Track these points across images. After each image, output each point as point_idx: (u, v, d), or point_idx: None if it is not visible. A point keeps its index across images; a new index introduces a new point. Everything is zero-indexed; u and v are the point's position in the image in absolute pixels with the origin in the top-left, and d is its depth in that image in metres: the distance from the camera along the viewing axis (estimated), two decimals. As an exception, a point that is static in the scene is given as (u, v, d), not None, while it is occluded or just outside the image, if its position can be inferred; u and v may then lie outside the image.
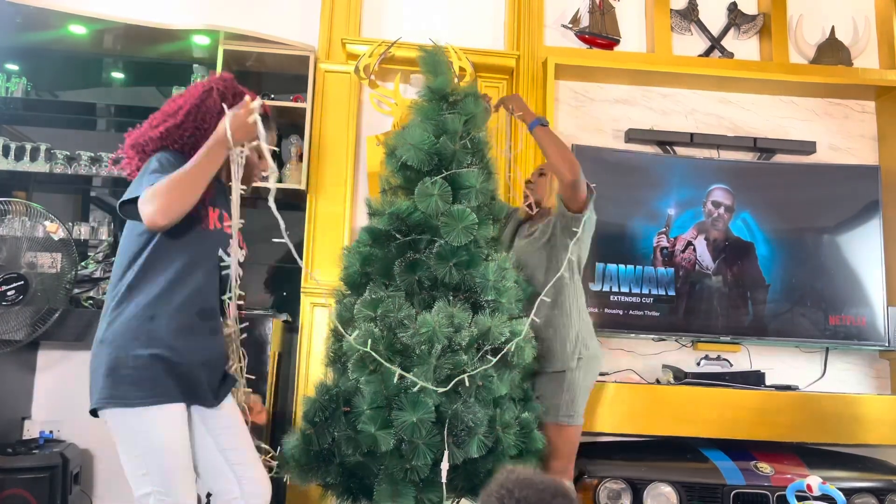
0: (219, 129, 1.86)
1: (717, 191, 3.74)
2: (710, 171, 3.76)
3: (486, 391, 2.11)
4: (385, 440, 2.02)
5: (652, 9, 3.95)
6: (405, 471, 2.04)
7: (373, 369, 2.08)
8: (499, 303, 2.23)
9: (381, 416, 2.04)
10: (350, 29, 3.72)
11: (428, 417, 2.01)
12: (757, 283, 3.68)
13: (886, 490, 3.04)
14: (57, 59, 3.98)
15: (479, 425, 2.08)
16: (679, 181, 3.72)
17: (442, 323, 2.08)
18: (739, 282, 3.68)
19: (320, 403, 2.19)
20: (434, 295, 2.22)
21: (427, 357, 2.06)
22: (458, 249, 2.22)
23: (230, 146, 1.87)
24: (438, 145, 2.31)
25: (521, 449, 2.23)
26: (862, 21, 4.09)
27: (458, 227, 2.21)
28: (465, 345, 2.10)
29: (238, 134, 1.87)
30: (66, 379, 3.40)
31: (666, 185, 3.71)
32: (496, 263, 2.28)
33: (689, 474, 3.05)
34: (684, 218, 3.71)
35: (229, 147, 1.87)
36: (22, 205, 2.96)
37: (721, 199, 3.73)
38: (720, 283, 3.68)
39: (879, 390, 3.77)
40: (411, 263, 2.23)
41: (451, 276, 2.20)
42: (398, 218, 2.27)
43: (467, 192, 2.28)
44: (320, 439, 2.20)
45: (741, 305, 3.66)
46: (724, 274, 3.69)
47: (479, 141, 2.40)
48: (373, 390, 2.06)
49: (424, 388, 2.03)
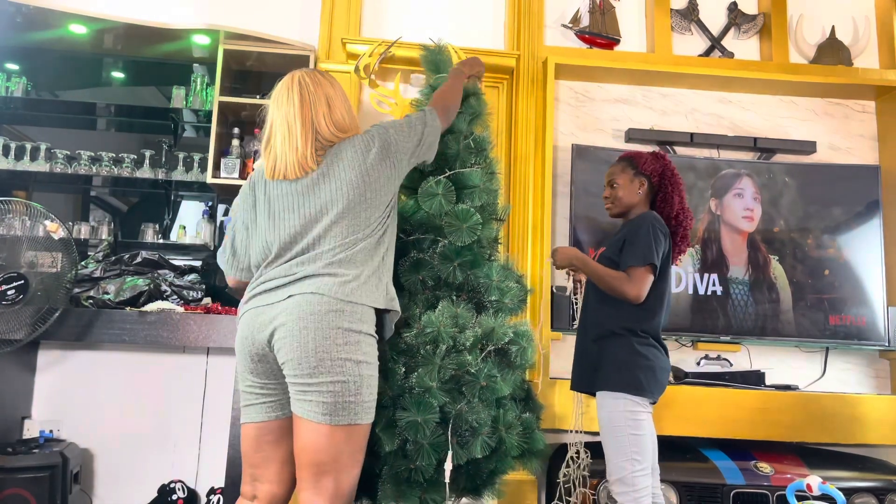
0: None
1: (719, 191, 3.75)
2: (710, 171, 3.76)
3: (490, 391, 2.10)
4: (389, 440, 2.02)
5: (652, 9, 3.95)
6: (409, 471, 2.04)
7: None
8: (502, 303, 2.23)
9: (385, 416, 2.04)
10: (350, 28, 3.72)
11: (432, 418, 2.01)
12: (757, 283, 3.69)
13: (886, 490, 3.05)
14: (57, 58, 3.97)
15: (482, 426, 2.08)
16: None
17: (446, 323, 2.08)
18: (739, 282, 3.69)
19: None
20: (438, 295, 2.22)
21: (432, 357, 2.06)
22: (461, 249, 2.21)
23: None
24: (442, 144, 2.31)
25: (523, 449, 2.23)
26: (862, 21, 4.10)
27: (462, 227, 2.21)
28: (469, 345, 2.10)
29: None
30: (66, 379, 3.40)
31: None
32: (499, 263, 2.28)
33: (689, 474, 3.05)
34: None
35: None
36: (22, 204, 2.95)
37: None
38: (720, 283, 3.68)
39: (879, 390, 3.78)
40: (415, 263, 2.23)
41: (454, 276, 2.20)
42: (402, 217, 2.27)
43: (471, 191, 2.28)
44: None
45: (739, 305, 3.67)
46: (721, 273, 3.69)
47: (482, 140, 2.40)
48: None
49: (429, 388, 2.03)
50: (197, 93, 3.83)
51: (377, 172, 1.95)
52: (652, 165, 2.51)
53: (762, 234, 3.72)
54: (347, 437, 1.82)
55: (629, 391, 2.28)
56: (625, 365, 2.31)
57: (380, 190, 1.96)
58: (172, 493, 3.25)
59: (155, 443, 3.39)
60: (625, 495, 2.25)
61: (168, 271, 3.39)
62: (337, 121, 1.99)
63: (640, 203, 2.51)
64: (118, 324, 3.01)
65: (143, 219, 3.88)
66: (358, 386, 1.82)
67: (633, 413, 2.27)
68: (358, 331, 1.84)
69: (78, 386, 3.40)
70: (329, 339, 1.80)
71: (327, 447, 1.81)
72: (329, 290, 1.84)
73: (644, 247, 2.33)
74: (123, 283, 3.21)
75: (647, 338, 2.36)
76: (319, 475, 1.82)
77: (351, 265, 1.88)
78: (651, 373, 2.32)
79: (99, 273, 3.29)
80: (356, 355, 1.82)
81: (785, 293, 3.68)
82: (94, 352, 3.42)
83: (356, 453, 1.86)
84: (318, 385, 1.80)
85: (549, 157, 3.63)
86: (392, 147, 1.99)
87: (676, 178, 2.52)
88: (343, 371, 1.80)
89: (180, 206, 4.00)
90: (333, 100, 2.01)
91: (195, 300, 3.30)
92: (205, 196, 3.97)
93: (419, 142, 2.06)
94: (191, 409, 3.43)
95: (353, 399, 1.81)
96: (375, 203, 1.95)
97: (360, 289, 1.87)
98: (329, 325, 1.81)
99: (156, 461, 3.38)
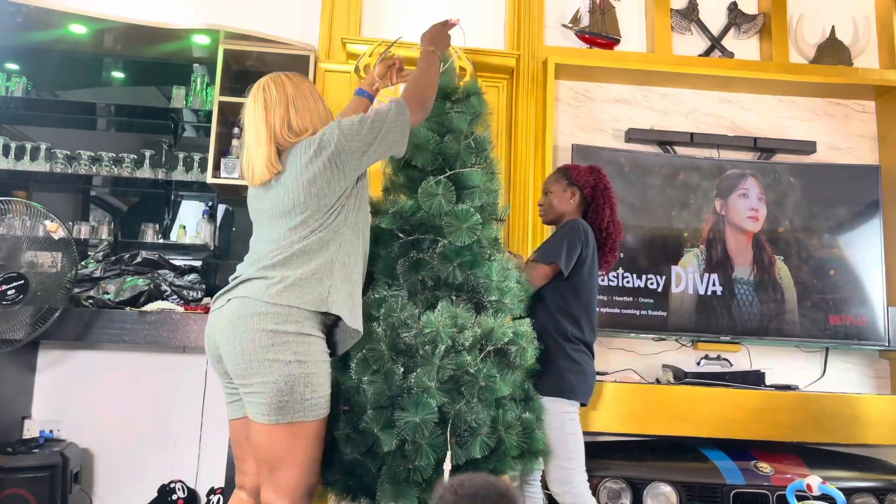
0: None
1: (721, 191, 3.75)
2: (711, 172, 3.76)
3: (489, 391, 2.10)
4: (388, 440, 2.02)
5: (652, 8, 3.95)
6: (408, 471, 2.03)
7: (376, 369, 2.08)
8: (502, 303, 2.23)
9: (383, 416, 2.04)
10: (350, 28, 3.72)
11: (431, 418, 2.01)
12: (762, 283, 3.69)
13: (886, 490, 3.05)
14: (57, 58, 3.97)
15: (481, 426, 2.08)
16: (680, 181, 3.73)
17: (446, 323, 2.08)
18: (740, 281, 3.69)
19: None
20: (437, 295, 2.21)
21: (431, 357, 2.06)
22: (461, 249, 2.21)
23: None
24: (442, 144, 2.30)
25: (522, 449, 2.23)
26: (862, 21, 4.10)
27: (461, 227, 2.20)
28: (468, 345, 2.10)
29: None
30: (66, 378, 3.40)
31: (667, 185, 3.72)
32: (499, 264, 2.28)
33: (689, 474, 3.05)
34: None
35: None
36: (22, 204, 2.95)
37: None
38: (721, 283, 3.68)
39: (879, 390, 3.78)
40: (414, 263, 2.23)
41: (454, 276, 2.20)
42: (401, 217, 2.27)
43: (471, 191, 2.27)
44: (320, 438, 2.19)
45: (742, 305, 3.66)
46: (725, 274, 3.69)
47: (482, 140, 2.40)
48: (376, 390, 2.06)
49: (427, 389, 2.03)
50: (197, 93, 3.83)
51: (312, 175, 1.94)
52: (585, 177, 2.64)
53: (767, 234, 3.72)
54: (292, 434, 1.86)
55: (564, 395, 2.43)
56: (559, 370, 2.44)
57: (318, 193, 1.95)
58: (172, 493, 3.25)
59: (155, 443, 3.40)
60: (565, 494, 2.42)
61: (168, 271, 3.40)
62: (293, 124, 2.01)
63: (572, 212, 2.65)
64: (118, 324, 3.01)
65: (143, 219, 3.88)
66: (291, 385, 1.84)
67: (567, 415, 2.43)
68: (285, 332, 1.86)
69: (78, 386, 3.40)
70: (255, 341, 1.84)
71: (273, 445, 1.87)
72: (256, 293, 1.88)
73: (552, 246, 2.52)
74: (123, 283, 3.21)
75: (578, 344, 2.49)
76: (272, 471, 1.88)
77: (284, 268, 1.91)
78: (582, 377, 2.47)
79: (99, 273, 3.29)
80: (284, 356, 1.84)
81: (790, 293, 3.68)
82: (94, 352, 3.43)
83: (307, 449, 1.90)
84: (251, 386, 1.86)
85: (549, 157, 3.63)
86: (334, 149, 1.95)
87: (609, 192, 2.64)
88: (272, 371, 1.84)
89: (180, 206, 4.01)
90: (295, 101, 2.03)
91: (195, 300, 3.30)
92: (205, 196, 3.97)
93: (374, 140, 2.00)
94: (191, 409, 3.43)
95: (289, 398, 1.84)
96: (314, 206, 1.95)
97: (288, 290, 1.88)
98: (254, 327, 1.85)
99: (156, 461, 3.38)
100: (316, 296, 1.91)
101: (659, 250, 3.68)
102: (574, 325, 2.49)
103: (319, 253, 1.94)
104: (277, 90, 2.03)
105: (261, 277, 1.91)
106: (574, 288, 2.50)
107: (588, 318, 2.53)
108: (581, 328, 2.50)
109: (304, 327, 1.89)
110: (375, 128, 1.99)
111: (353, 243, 2.02)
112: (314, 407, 1.88)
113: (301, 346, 1.87)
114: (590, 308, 2.54)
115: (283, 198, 1.97)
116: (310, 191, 1.95)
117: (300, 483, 1.90)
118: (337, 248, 1.97)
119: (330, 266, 1.95)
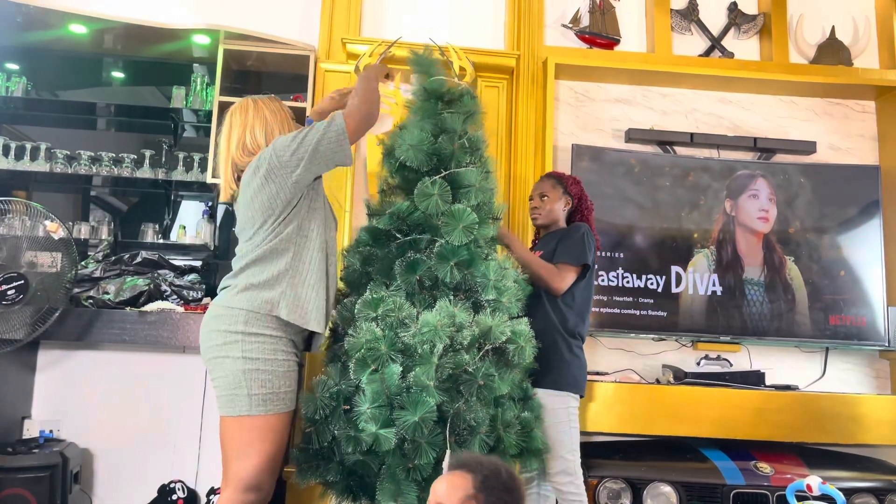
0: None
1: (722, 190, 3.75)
2: (711, 172, 3.76)
3: (488, 390, 2.11)
4: (387, 439, 2.02)
5: (652, 9, 3.95)
6: (407, 470, 2.04)
7: (375, 368, 2.08)
8: (499, 302, 2.23)
9: (383, 415, 2.04)
10: (350, 28, 3.72)
11: (430, 417, 2.01)
12: (773, 284, 3.68)
13: (886, 490, 3.04)
14: (57, 58, 3.98)
15: (480, 424, 2.08)
16: (690, 181, 3.72)
17: (444, 322, 2.08)
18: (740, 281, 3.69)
19: (321, 402, 2.19)
20: (435, 294, 2.22)
21: (429, 356, 2.06)
22: (458, 249, 2.21)
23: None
24: (437, 145, 2.30)
25: (521, 448, 2.23)
26: (862, 21, 4.09)
27: (458, 227, 2.21)
28: (466, 344, 2.10)
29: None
30: (66, 378, 3.40)
31: (677, 186, 3.71)
32: (496, 262, 2.28)
33: (688, 474, 3.05)
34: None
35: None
36: (22, 204, 2.96)
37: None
38: (721, 283, 3.68)
39: (879, 390, 3.78)
40: (412, 263, 2.23)
41: (451, 275, 2.20)
42: (398, 218, 2.27)
43: (467, 191, 2.28)
44: (320, 438, 2.20)
45: (752, 305, 3.66)
46: (726, 273, 3.69)
47: (477, 139, 2.40)
48: (375, 389, 2.06)
49: (426, 387, 2.03)
50: (197, 93, 3.83)
51: (253, 192, 2.12)
52: (575, 188, 2.83)
53: (777, 234, 3.71)
54: (239, 427, 2.03)
55: (570, 389, 2.56)
56: (567, 365, 2.54)
57: (261, 208, 2.12)
58: (172, 493, 3.25)
59: (155, 443, 3.40)
60: (570, 484, 2.52)
61: (168, 271, 3.40)
62: (247, 144, 2.20)
63: (561, 219, 2.82)
64: (118, 324, 3.02)
65: (143, 219, 3.88)
66: (238, 381, 2.03)
67: (572, 409, 2.56)
68: (235, 331, 2.05)
69: (78, 386, 3.40)
70: (210, 340, 2.09)
71: (224, 436, 2.07)
72: (218, 299, 2.14)
73: (579, 248, 2.62)
74: (123, 283, 3.21)
75: (578, 339, 2.65)
76: (225, 462, 2.06)
77: (242, 275, 2.12)
78: (582, 371, 2.63)
79: (99, 273, 3.29)
80: (233, 353, 2.04)
81: (801, 293, 3.67)
82: (94, 352, 3.43)
83: (255, 443, 2.02)
84: (213, 381, 2.11)
85: (549, 157, 3.62)
86: (267, 166, 2.11)
87: (589, 203, 2.87)
88: (222, 367, 2.06)
89: (180, 206, 4.01)
90: (253, 123, 2.21)
91: (195, 300, 3.30)
92: (205, 196, 3.97)
93: (307, 153, 2.11)
94: (191, 409, 3.43)
95: (236, 392, 2.03)
96: (261, 220, 2.12)
97: (239, 295, 2.08)
98: (211, 328, 2.10)
99: (156, 461, 3.38)
100: (265, 300, 2.07)
101: (669, 251, 3.67)
102: (580, 321, 2.63)
103: (273, 261, 2.11)
104: (241, 114, 2.24)
105: (227, 287, 2.14)
106: (585, 286, 2.67)
107: (588, 314, 2.69)
108: (585, 324, 2.65)
109: (255, 327, 2.05)
110: (307, 142, 2.13)
111: (308, 251, 2.16)
112: (263, 402, 2.03)
113: (249, 344, 2.05)
114: (591, 305, 2.73)
115: (240, 213, 2.19)
116: (254, 206, 2.13)
117: (244, 476, 2.01)
118: (290, 256, 2.12)
119: (283, 273, 2.10)
